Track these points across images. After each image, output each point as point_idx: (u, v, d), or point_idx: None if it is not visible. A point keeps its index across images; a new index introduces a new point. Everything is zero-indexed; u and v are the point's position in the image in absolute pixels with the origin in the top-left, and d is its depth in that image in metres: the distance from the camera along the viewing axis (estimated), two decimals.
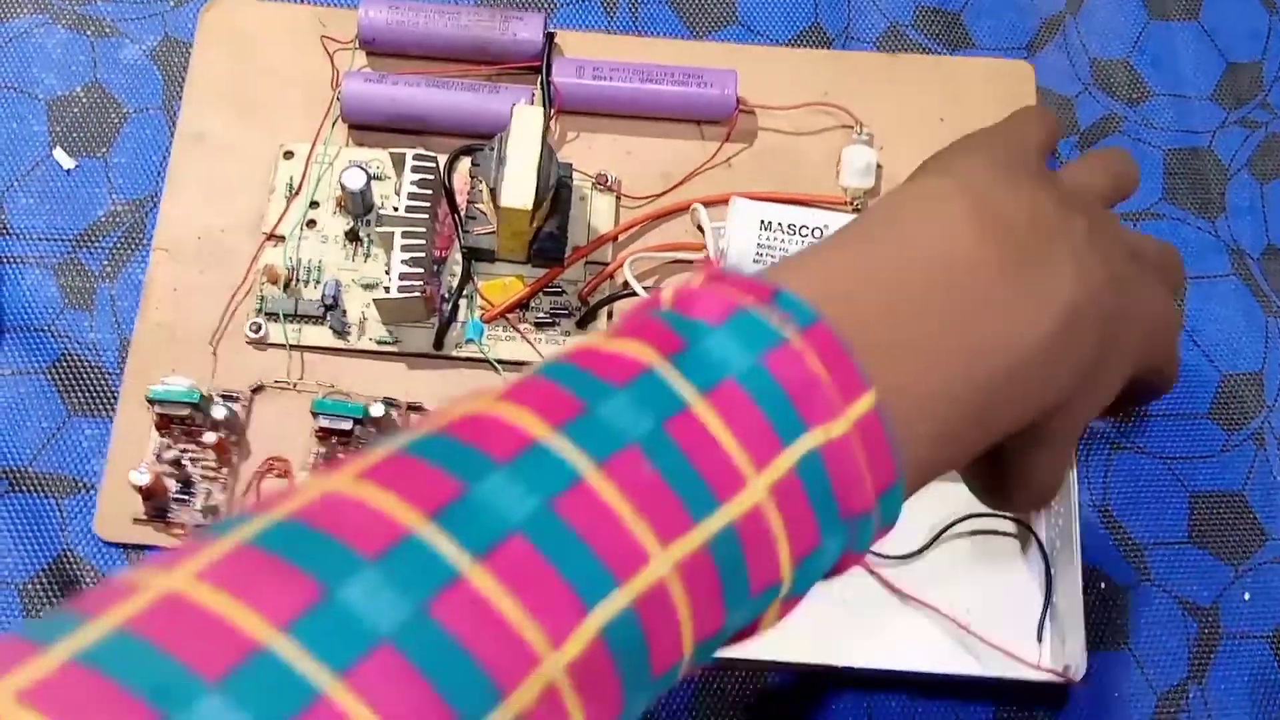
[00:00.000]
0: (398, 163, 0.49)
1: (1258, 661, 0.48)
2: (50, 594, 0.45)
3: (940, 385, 0.26)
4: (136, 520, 0.46)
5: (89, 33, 0.53)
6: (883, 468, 0.24)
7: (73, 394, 0.48)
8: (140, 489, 0.45)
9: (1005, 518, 0.48)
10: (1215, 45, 0.57)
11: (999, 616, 0.46)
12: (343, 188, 0.48)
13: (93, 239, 0.50)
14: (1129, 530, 0.49)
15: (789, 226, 0.49)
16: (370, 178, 0.49)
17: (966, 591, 0.47)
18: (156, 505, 0.46)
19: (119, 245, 0.50)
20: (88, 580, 0.46)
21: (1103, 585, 0.48)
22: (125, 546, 0.46)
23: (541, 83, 0.52)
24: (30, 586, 0.45)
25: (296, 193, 0.50)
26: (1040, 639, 0.46)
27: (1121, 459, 0.50)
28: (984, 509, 0.45)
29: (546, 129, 0.47)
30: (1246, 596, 0.49)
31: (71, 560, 0.46)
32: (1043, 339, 0.27)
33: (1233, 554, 0.49)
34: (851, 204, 0.52)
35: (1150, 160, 0.54)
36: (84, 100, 0.52)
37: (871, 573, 0.47)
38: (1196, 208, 0.54)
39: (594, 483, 0.21)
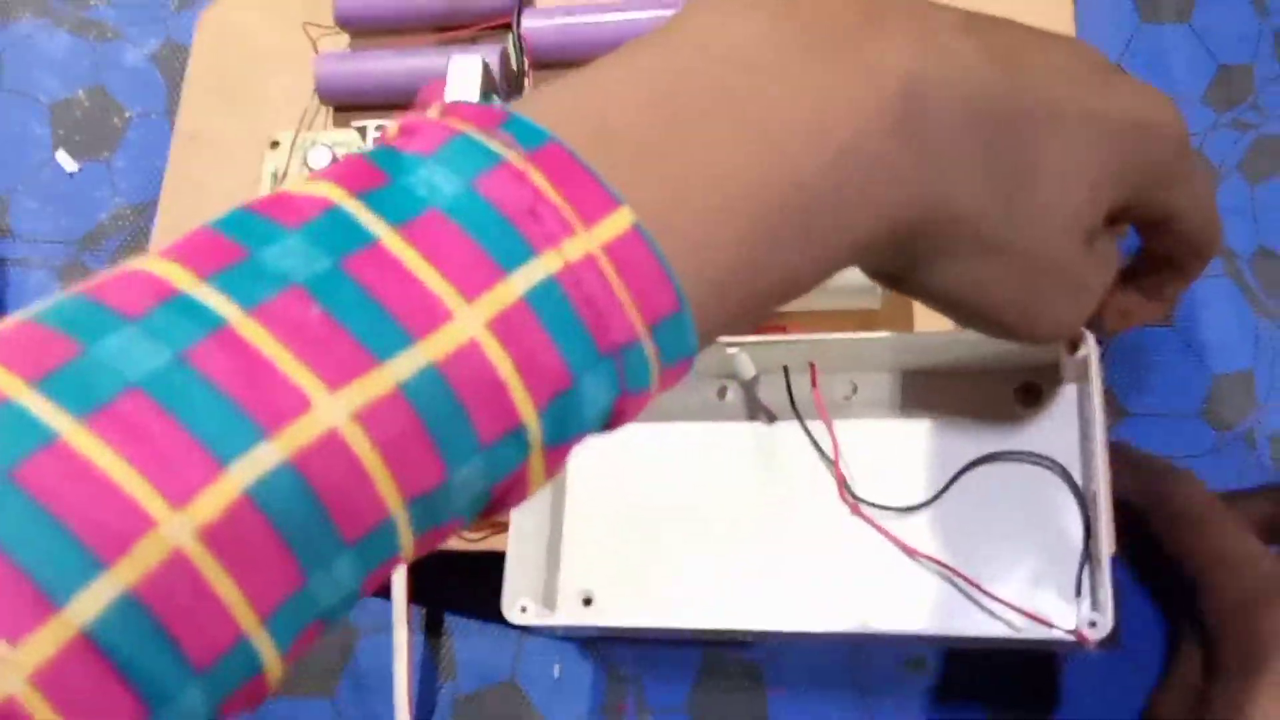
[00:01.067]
0: (362, 135, 0.49)
1: None
2: None
3: (733, 195, 0.23)
4: None
5: (91, 37, 0.53)
6: (653, 293, 0.21)
7: None
8: None
9: (1029, 456, 0.42)
10: (1206, 47, 0.57)
11: (1021, 570, 0.42)
12: (309, 169, 0.48)
13: (96, 242, 0.51)
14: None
15: None
16: (335, 156, 0.48)
17: (983, 544, 0.42)
18: None
19: (122, 248, 0.51)
20: None
21: None
22: None
23: (513, 35, 0.51)
24: None
25: (281, 180, 0.50)
26: (1079, 593, 0.41)
27: None
28: (1003, 448, 0.43)
29: (489, 77, 0.46)
30: None
31: None
32: (870, 122, 0.24)
33: None
34: None
35: None
36: (86, 104, 0.53)
37: (873, 524, 0.42)
38: None
39: (240, 329, 0.19)
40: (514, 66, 0.51)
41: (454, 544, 0.45)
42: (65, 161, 0.52)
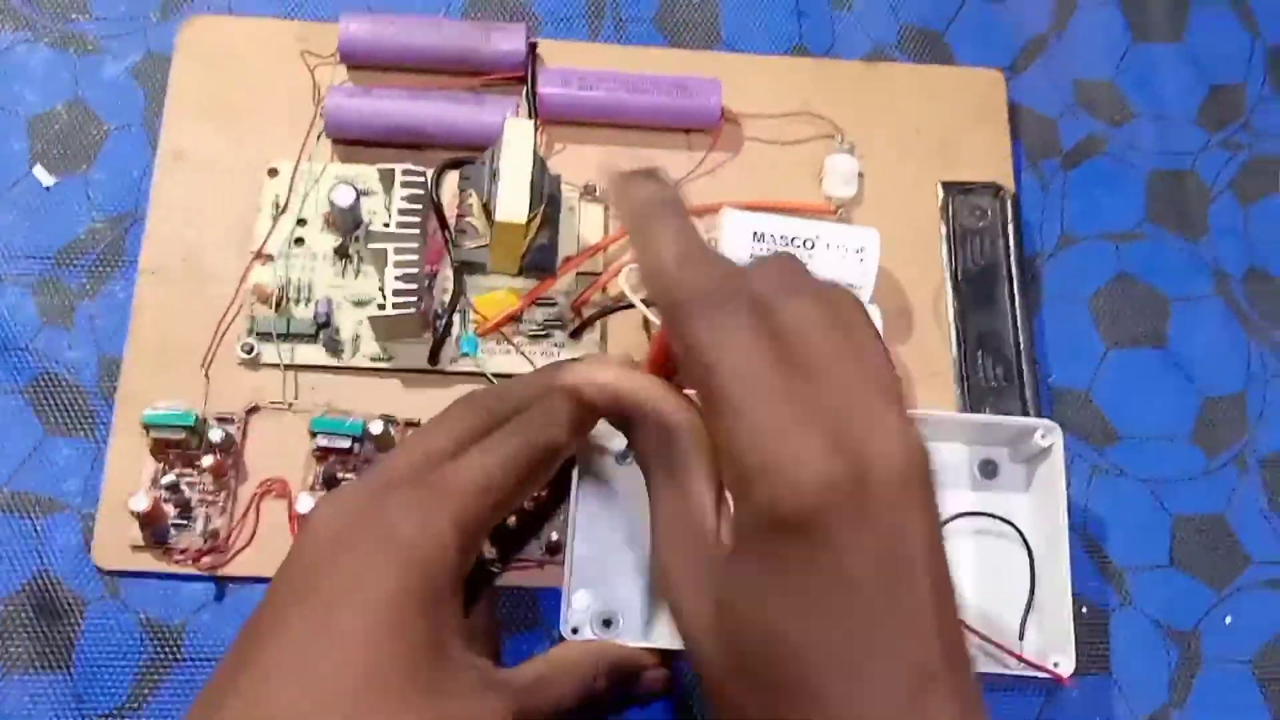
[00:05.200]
0: (386, 178, 0.50)
1: (1239, 686, 0.49)
2: (26, 614, 0.46)
3: None
4: (135, 547, 0.47)
5: (71, 50, 0.54)
6: None
7: (50, 413, 0.48)
8: (139, 515, 0.45)
9: (994, 516, 0.48)
10: (1198, 67, 0.58)
11: (988, 614, 0.47)
12: (332, 205, 0.49)
13: (72, 257, 0.51)
14: (1110, 554, 0.50)
15: (782, 237, 0.50)
16: (359, 194, 0.49)
17: (965, 590, 0.47)
18: (155, 531, 0.47)
19: (98, 263, 0.51)
20: (63, 600, 0.46)
21: (1084, 609, 0.49)
22: (125, 574, 0.47)
23: (526, 93, 0.53)
24: (6, 607, 0.46)
25: (283, 210, 0.51)
26: (1021, 636, 0.46)
27: (1102, 482, 0.51)
28: (973, 509, 0.48)
29: (537, 141, 0.48)
30: (1228, 620, 0.49)
31: (48, 580, 0.46)
32: None
33: (1214, 578, 0.50)
34: (836, 212, 0.53)
35: (1133, 182, 0.55)
36: (65, 117, 0.53)
37: None
38: (1179, 229, 0.55)
39: None
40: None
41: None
42: (42, 176, 0.51)
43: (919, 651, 0.27)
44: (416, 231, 0.48)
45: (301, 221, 0.51)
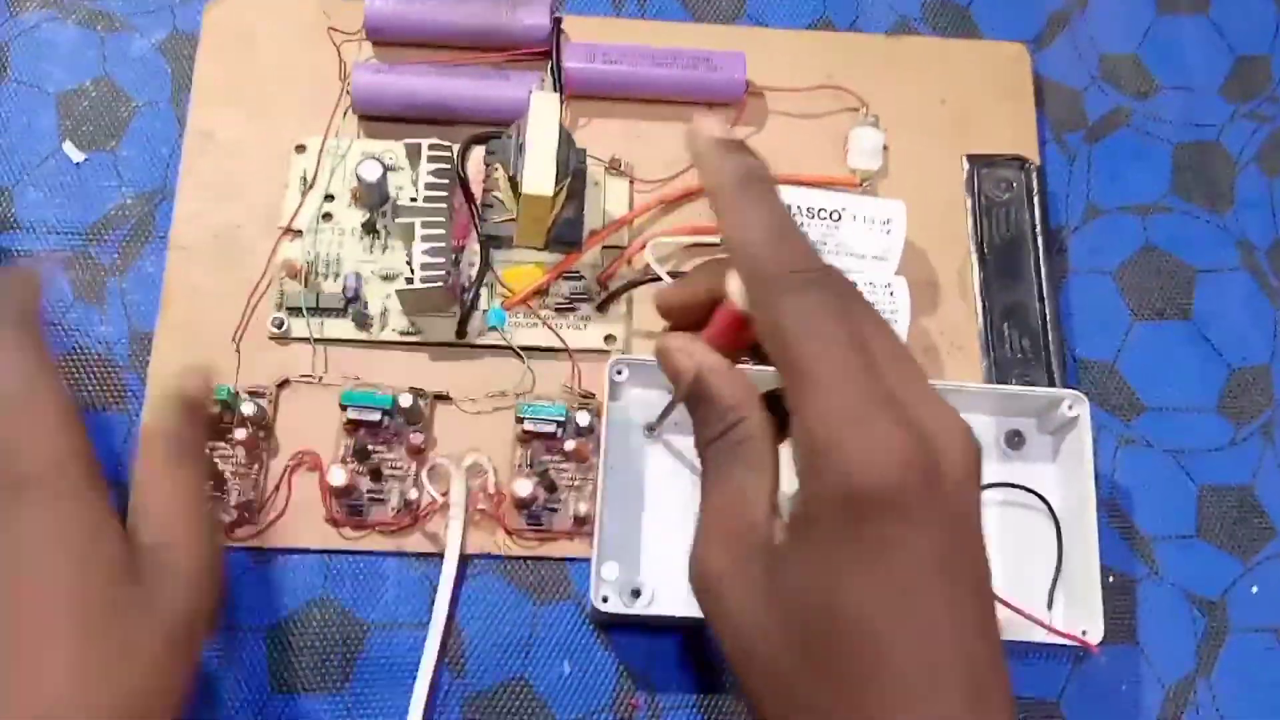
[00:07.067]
0: (413, 153, 0.50)
1: (1266, 655, 0.49)
2: None
3: None
4: None
5: (98, 27, 0.54)
6: None
7: (83, 387, 0.49)
8: None
9: (1021, 487, 0.49)
10: (1224, 38, 0.58)
11: (1016, 583, 0.47)
12: (359, 180, 0.50)
13: (102, 232, 0.51)
14: (1137, 524, 0.51)
15: (808, 210, 0.50)
16: (386, 169, 0.50)
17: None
18: None
19: (128, 238, 0.51)
20: None
21: (1111, 579, 0.49)
22: None
23: (551, 68, 0.54)
24: None
25: (310, 187, 0.51)
26: (1049, 605, 0.47)
27: (1129, 452, 0.51)
28: (1000, 480, 0.49)
29: (562, 115, 0.49)
30: (1255, 590, 0.50)
31: None
32: None
33: (1241, 548, 0.51)
34: (861, 185, 0.53)
35: (1159, 154, 0.56)
36: (93, 94, 0.53)
37: None
38: (1205, 201, 0.55)
39: None
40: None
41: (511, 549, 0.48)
42: (72, 152, 0.52)
43: (983, 645, 0.28)
44: (443, 206, 0.49)
45: (329, 197, 0.52)
